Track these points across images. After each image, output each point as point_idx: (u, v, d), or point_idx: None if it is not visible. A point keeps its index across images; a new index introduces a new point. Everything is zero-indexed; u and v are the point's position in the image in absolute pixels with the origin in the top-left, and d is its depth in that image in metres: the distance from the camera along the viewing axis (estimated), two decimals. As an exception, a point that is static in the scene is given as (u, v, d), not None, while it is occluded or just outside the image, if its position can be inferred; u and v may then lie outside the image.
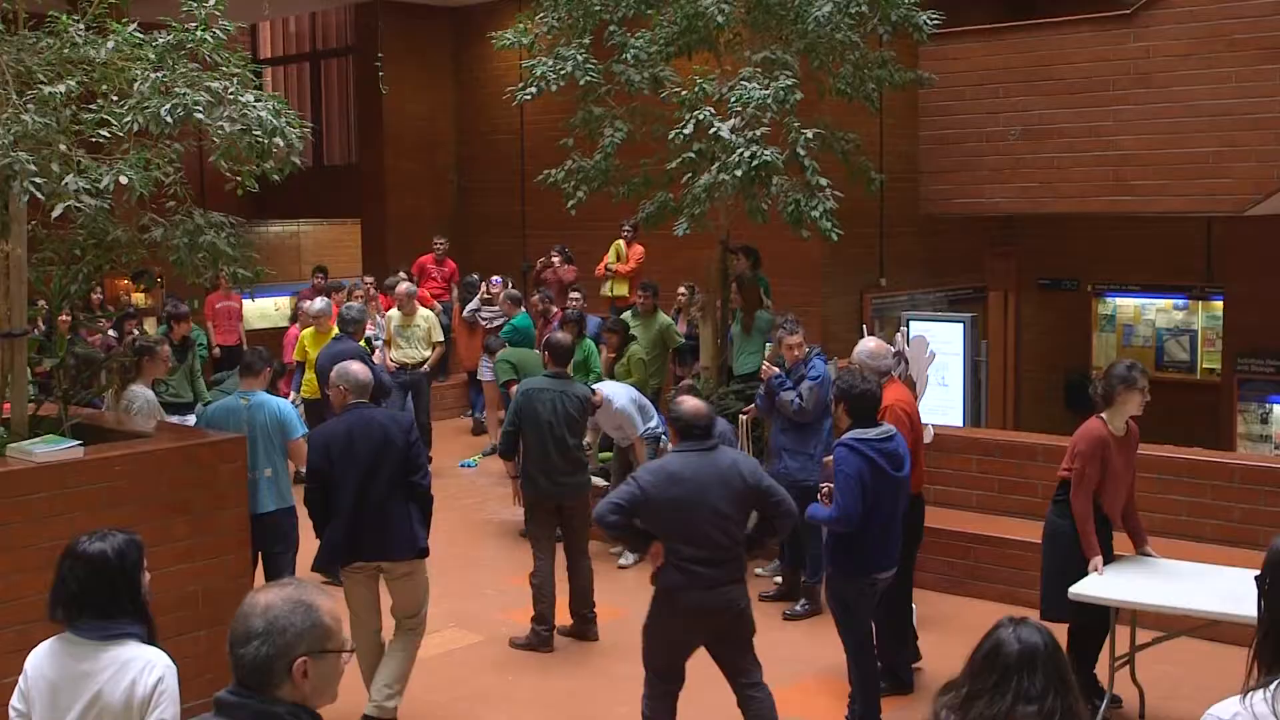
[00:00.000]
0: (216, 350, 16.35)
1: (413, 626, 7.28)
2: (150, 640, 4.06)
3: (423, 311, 13.55)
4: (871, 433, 6.70)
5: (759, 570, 9.92)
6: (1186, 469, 8.88)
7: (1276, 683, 3.07)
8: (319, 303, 12.55)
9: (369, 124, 19.57)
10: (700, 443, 6.24)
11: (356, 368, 7.34)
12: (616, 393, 10.25)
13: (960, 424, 11.56)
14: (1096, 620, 7.01)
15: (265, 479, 7.91)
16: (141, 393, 8.73)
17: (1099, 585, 6.88)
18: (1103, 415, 7.10)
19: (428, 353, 13.47)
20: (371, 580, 7.22)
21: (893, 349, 8.66)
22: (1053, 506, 7.24)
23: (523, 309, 13.68)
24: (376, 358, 11.72)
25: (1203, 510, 8.58)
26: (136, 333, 12.62)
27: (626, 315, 12.72)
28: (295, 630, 2.91)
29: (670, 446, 6.54)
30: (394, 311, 13.56)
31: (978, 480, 9.84)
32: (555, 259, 15.16)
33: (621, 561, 10.09)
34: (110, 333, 13.51)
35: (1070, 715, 3.24)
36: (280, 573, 7.89)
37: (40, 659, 4.05)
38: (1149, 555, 7.32)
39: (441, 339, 13.69)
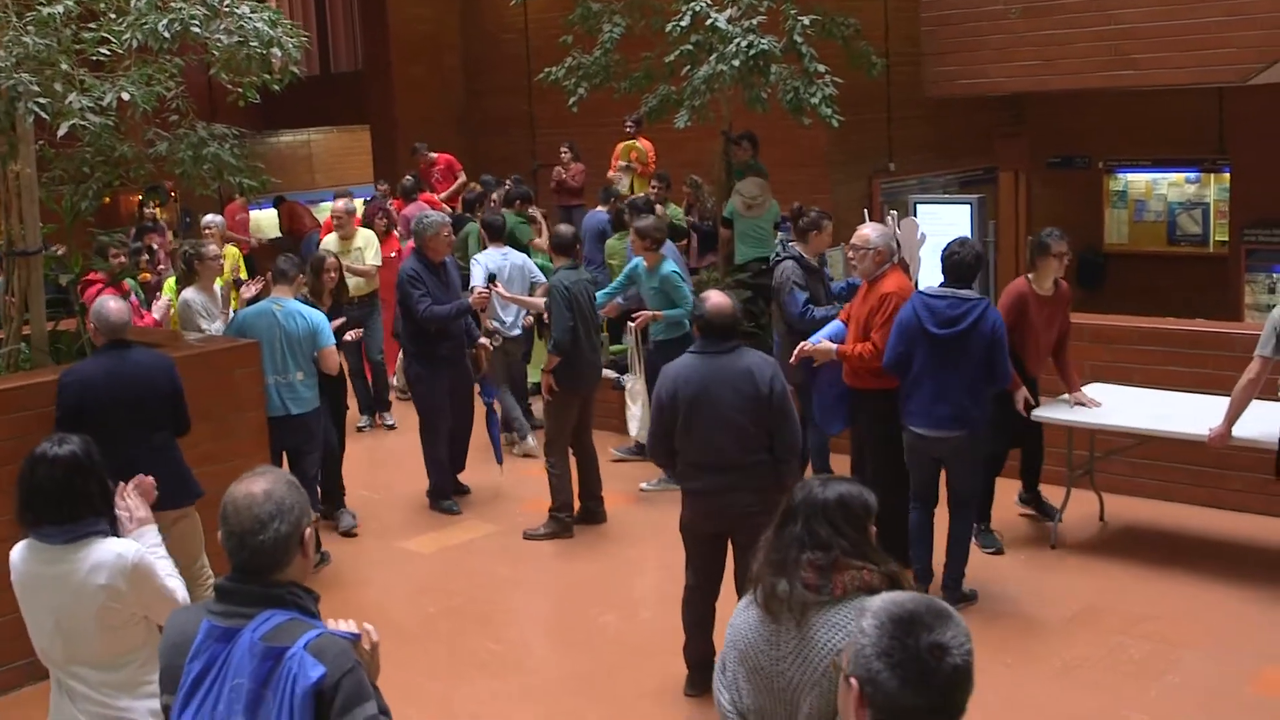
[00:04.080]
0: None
1: (199, 578, 6.49)
2: (114, 531, 4.29)
3: (363, 233, 12.05)
4: (931, 289, 7.19)
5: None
6: (1188, 340, 8.99)
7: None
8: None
9: (374, 29, 19.49)
10: (716, 344, 6.02)
11: (112, 306, 6.54)
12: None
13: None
14: (1034, 446, 8.26)
15: (298, 383, 8.11)
16: (196, 297, 8.92)
17: (1059, 411, 8.03)
18: (1029, 275, 7.97)
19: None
20: None
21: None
22: None
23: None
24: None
25: (1206, 381, 8.68)
26: (156, 245, 12.78)
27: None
28: (299, 504, 3.11)
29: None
30: (331, 236, 11.93)
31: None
32: (565, 155, 15.23)
33: (643, 485, 9.63)
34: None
35: (861, 556, 3.53)
36: (306, 470, 8.11)
37: (16, 562, 4.26)
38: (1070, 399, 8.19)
39: (378, 263, 11.85)
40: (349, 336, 9.17)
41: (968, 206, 12.22)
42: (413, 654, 7.07)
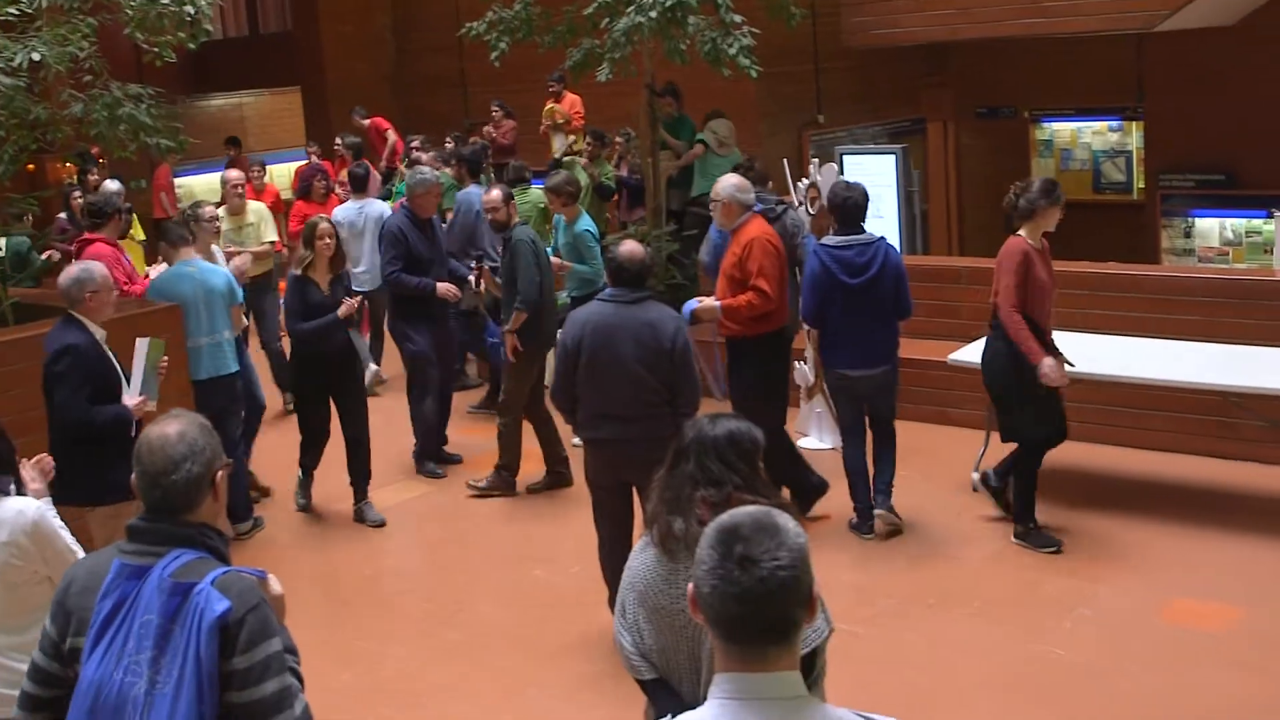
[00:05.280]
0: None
1: None
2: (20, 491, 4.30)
3: (253, 205, 11.15)
4: (832, 240, 7.40)
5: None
6: (1101, 283, 9.18)
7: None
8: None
9: (302, -12, 19.30)
10: (626, 291, 6.04)
11: (70, 271, 6.24)
12: None
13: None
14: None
15: (226, 341, 7.97)
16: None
17: (974, 355, 7.85)
18: (1020, 232, 7.28)
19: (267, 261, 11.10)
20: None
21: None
22: (990, 333, 7.43)
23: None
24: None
25: (1120, 323, 8.85)
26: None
27: (575, 162, 12.83)
28: (212, 447, 3.16)
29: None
30: (221, 210, 10.53)
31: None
32: (496, 113, 15.16)
33: (575, 440, 9.18)
34: (61, 216, 13.54)
35: (754, 490, 3.62)
36: (230, 432, 7.88)
37: None
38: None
39: (274, 237, 11.06)
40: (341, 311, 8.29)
41: (893, 157, 12.34)
42: (347, 615, 7.14)
